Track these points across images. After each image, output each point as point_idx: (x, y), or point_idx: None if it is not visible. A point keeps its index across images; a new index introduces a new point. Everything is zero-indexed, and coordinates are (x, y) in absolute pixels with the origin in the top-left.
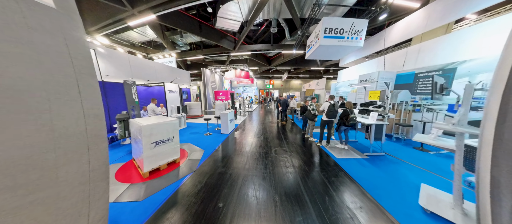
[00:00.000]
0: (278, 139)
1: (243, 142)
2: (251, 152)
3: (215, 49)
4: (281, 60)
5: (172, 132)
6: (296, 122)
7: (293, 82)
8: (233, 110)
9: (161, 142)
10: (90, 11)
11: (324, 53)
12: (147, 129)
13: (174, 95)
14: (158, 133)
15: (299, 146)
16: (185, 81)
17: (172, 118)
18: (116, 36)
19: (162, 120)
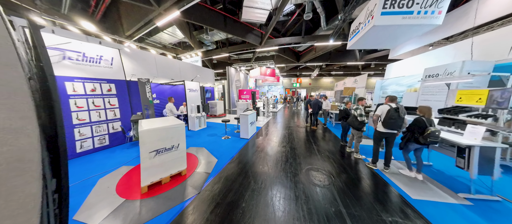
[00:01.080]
0: (309, 151)
1: (264, 153)
2: (274, 169)
3: (240, 46)
4: (311, 55)
5: (177, 138)
6: (330, 127)
7: (323, 80)
8: (254, 111)
9: (163, 150)
10: (127, 16)
11: (375, 39)
12: (146, 135)
13: (195, 94)
14: (159, 140)
15: (341, 165)
16: (209, 80)
17: (177, 122)
18: (150, 39)
19: (165, 124)
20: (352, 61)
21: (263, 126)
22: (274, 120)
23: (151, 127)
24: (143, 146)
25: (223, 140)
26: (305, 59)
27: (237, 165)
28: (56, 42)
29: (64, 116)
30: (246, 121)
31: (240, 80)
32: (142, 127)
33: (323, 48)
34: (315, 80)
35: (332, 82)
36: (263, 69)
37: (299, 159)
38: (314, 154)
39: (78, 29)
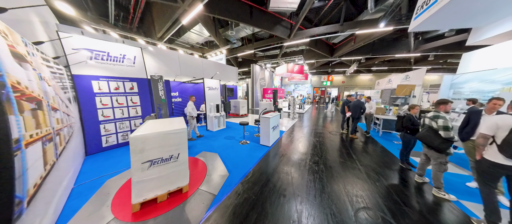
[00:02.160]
0: (352, 173)
1: (288, 170)
2: (306, 202)
3: (267, 40)
4: (349, 47)
5: (176, 147)
6: (375, 137)
7: (359, 78)
8: (277, 113)
9: (160, 161)
10: (158, 18)
11: (459, 13)
12: (138, 141)
13: (215, 93)
14: (154, 148)
15: (413, 206)
16: (232, 78)
17: (178, 126)
18: (179, 39)
19: (163, 128)
20: (402, 53)
21: (288, 131)
22: (300, 123)
23: (144, 132)
24: (134, 155)
25: (240, 145)
26: (341, 52)
27: (251, 187)
28: (85, 43)
29: (91, 113)
30: (267, 125)
31: (264, 79)
32: (136, 131)
33: (365, 37)
34: (350, 78)
35: (371, 80)
36: (290, 66)
37: (339, 185)
38: (362, 180)
39: (118, 34)
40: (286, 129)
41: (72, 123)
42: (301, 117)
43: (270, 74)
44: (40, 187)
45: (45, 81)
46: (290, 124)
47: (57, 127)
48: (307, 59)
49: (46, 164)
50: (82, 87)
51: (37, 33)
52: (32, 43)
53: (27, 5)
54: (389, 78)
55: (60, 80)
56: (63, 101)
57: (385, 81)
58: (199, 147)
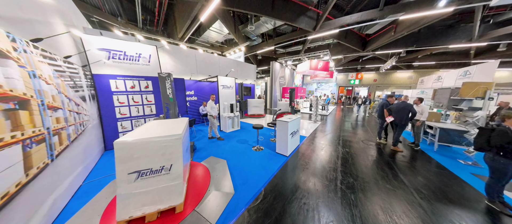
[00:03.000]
0: (416, 214)
1: (311, 198)
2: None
3: (289, 35)
4: (387, 38)
5: (168, 157)
6: (429, 152)
7: (396, 75)
8: (298, 117)
9: (149, 172)
10: (179, 18)
11: None
12: (123, 148)
13: (229, 91)
14: (142, 156)
15: None
16: (250, 76)
17: (172, 131)
18: (199, 39)
19: (155, 133)
20: (460, 43)
21: (309, 136)
22: (324, 127)
23: (132, 137)
24: (120, 164)
25: (253, 151)
26: (376, 45)
27: (260, 219)
28: (103, 43)
29: (109, 110)
30: (285, 130)
31: (284, 77)
32: (125, 135)
33: (410, 25)
34: (383, 76)
35: (412, 78)
36: (314, 62)
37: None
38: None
39: (143, 36)
40: (307, 133)
41: (85, 120)
42: (324, 119)
43: (291, 73)
44: (18, 193)
45: (43, 79)
46: (311, 128)
47: (58, 126)
48: (333, 55)
49: (29, 168)
50: (101, 86)
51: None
52: (30, 41)
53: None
54: (438, 75)
55: (71, 79)
56: (73, 99)
57: (431, 79)
58: (208, 150)
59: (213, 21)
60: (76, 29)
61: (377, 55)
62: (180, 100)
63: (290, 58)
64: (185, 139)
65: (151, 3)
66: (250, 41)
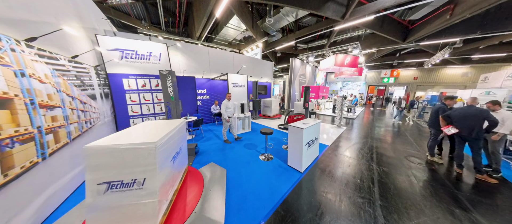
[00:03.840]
0: None
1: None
2: None
3: (312, 27)
4: (440, 23)
5: (142, 169)
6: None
7: (445, 72)
8: (316, 121)
9: (119, 185)
10: (197, 17)
11: None
12: (92, 154)
13: (240, 90)
14: (113, 166)
15: None
16: (266, 74)
17: (145, 142)
18: (217, 37)
19: (126, 140)
20: None
21: (332, 145)
22: (350, 134)
23: (103, 142)
24: (89, 172)
25: (260, 161)
26: (421, 34)
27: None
28: (116, 44)
29: (122, 108)
30: (299, 139)
31: (305, 75)
32: (99, 140)
33: (475, 4)
34: (427, 72)
35: (467, 75)
36: (340, 58)
37: None
38: None
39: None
40: (329, 141)
41: (94, 118)
42: (350, 124)
43: (313, 70)
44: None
45: (36, 78)
46: (335, 134)
47: (54, 124)
48: (364, 48)
49: (9, 168)
50: (115, 85)
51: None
52: (24, 39)
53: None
54: (506, 71)
55: (77, 78)
56: (77, 98)
57: (501, 75)
58: (211, 155)
59: (229, 17)
60: (94, 31)
61: (422, 47)
62: (190, 99)
63: (312, 54)
64: (174, 144)
65: (172, 3)
66: (269, 37)
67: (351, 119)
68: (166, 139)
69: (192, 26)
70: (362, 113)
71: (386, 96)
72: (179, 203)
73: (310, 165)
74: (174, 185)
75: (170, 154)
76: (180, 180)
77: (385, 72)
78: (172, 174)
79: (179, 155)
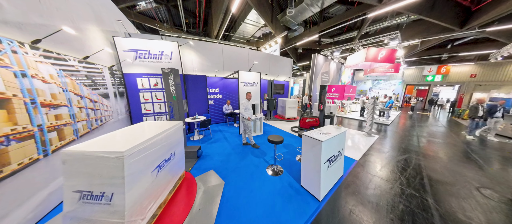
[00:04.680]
0: None
1: None
2: None
3: (341, 16)
4: None
5: (110, 182)
6: None
7: None
8: (339, 130)
9: (90, 196)
10: (215, 15)
11: None
12: (68, 159)
13: (252, 89)
14: (84, 174)
15: None
16: (284, 72)
17: (112, 150)
18: (235, 35)
19: (99, 146)
20: None
21: (361, 160)
22: (385, 146)
23: (79, 147)
24: (66, 177)
25: (267, 174)
26: (490, 16)
27: None
28: (131, 44)
29: (136, 107)
30: (316, 154)
31: (328, 73)
32: (81, 143)
33: None
34: (491, 69)
35: None
36: (372, 52)
37: None
38: None
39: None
40: (358, 154)
41: (105, 115)
42: (383, 131)
43: (338, 67)
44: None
45: (39, 78)
46: (364, 144)
47: (58, 122)
48: (406, 39)
49: (4, 164)
50: (130, 84)
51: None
52: (30, 42)
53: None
54: None
55: (88, 78)
56: (86, 97)
57: None
58: (215, 160)
59: (247, 12)
60: (112, 33)
61: (488, 35)
62: (201, 99)
63: (338, 49)
64: (160, 151)
65: (192, 3)
66: (290, 32)
67: (384, 124)
68: (145, 146)
69: (211, 26)
70: (397, 118)
71: (430, 98)
72: (167, 217)
73: (332, 189)
74: (159, 197)
75: (152, 163)
76: (172, 189)
77: (430, 69)
78: (157, 186)
79: (169, 162)
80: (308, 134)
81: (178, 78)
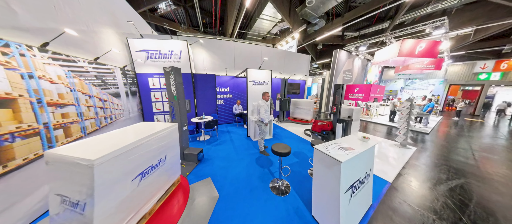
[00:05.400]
0: None
1: None
2: None
3: (370, 4)
4: None
5: (79, 189)
6: None
7: None
8: (363, 145)
9: (68, 202)
10: (230, 12)
11: None
12: (50, 161)
13: (262, 89)
14: (63, 178)
15: None
16: (301, 71)
17: (83, 157)
18: (250, 32)
19: (79, 150)
20: None
21: (396, 182)
22: (426, 162)
23: (60, 150)
24: (50, 179)
25: (271, 193)
26: None
27: None
28: (143, 45)
29: (148, 105)
30: (333, 183)
31: (352, 71)
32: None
33: None
34: None
35: None
36: (408, 44)
37: None
38: None
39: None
40: (390, 172)
41: (115, 114)
42: (422, 141)
43: (363, 64)
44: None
45: (46, 79)
46: (398, 159)
47: (64, 120)
48: (455, 27)
49: (9, 159)
50: (142, 84)
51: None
52: (40, 45)
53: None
54: None
55: (98, 78)
56: (96, 96)
57: None
58: (216, 165)
59: (263, 7)
60: (126, 35)
61: None
62: (210, 98)
63: (364, 43)
64: (144, 157)
65: (208, 3)
66: (310, 26)
67: (423, 133)
68: (125, 152)
69: (227, 24)
70: (438, 125)
71: (486, 101)
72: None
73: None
74: (143, 207)
75: (132, 171)
76: (163, 196)
77: (484, 65)
78: (140, 195)
79: (156, 168)
80: (321, 148)
81: (180, 77)
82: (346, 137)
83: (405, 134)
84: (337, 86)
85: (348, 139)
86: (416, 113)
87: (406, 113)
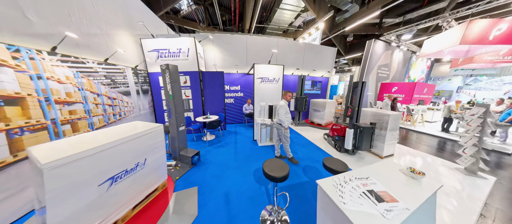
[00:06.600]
0: None
1: None
2: None
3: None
4: None
5: (41, 194)
6: None
7: None
8: (429, 189)
9: (38, 202)
10: (247, 4)
11: None
12: (32, 159)
13: (272, 87)
14: (35, 176)
15: None
16: (324, 66)
17: (38, 160)
18: (270, 25)
19: (54, 152)
20: None
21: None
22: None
23: (38, 148)
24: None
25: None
26: None
27: None
28: (154, 45)
29: (158, 103)
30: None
31: (389, 65)
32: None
33: None
34: None
35: None
36: (478, 27)
37: None
38: None
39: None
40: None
41: (125, 111)
42: (499, 166)
43: (405, 58)
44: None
45: (55, 80)
46: (467, 198)
47: (72, 116)
48: None
49: (19, 150)
50: (154, 82)
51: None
52: (50, 49)
53: None
54: None
55: (107, 77)
56: (104, 94)
57: None
58: (210, 171)
59: None
60: (139, 36)
61: None
62: (217, 97)
63: (410, 30)
64: (116, 161)
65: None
66: (340, 15)
67: (501, 153)
68: (89, 156)
69: (245, 19)
70: None
71: None
72: None
73: None
74: (113, 214)
75: (100, 175)
76: (142, 201)
77: None
78: (110, 201)
79: (132, 173)
80: (328, 187)
81: (177, 75)
82: (377, 165)
83: (474, 155)
84: (355, 84)
85: (380, 168)
86: (493, 124)
87: (478, 123)
